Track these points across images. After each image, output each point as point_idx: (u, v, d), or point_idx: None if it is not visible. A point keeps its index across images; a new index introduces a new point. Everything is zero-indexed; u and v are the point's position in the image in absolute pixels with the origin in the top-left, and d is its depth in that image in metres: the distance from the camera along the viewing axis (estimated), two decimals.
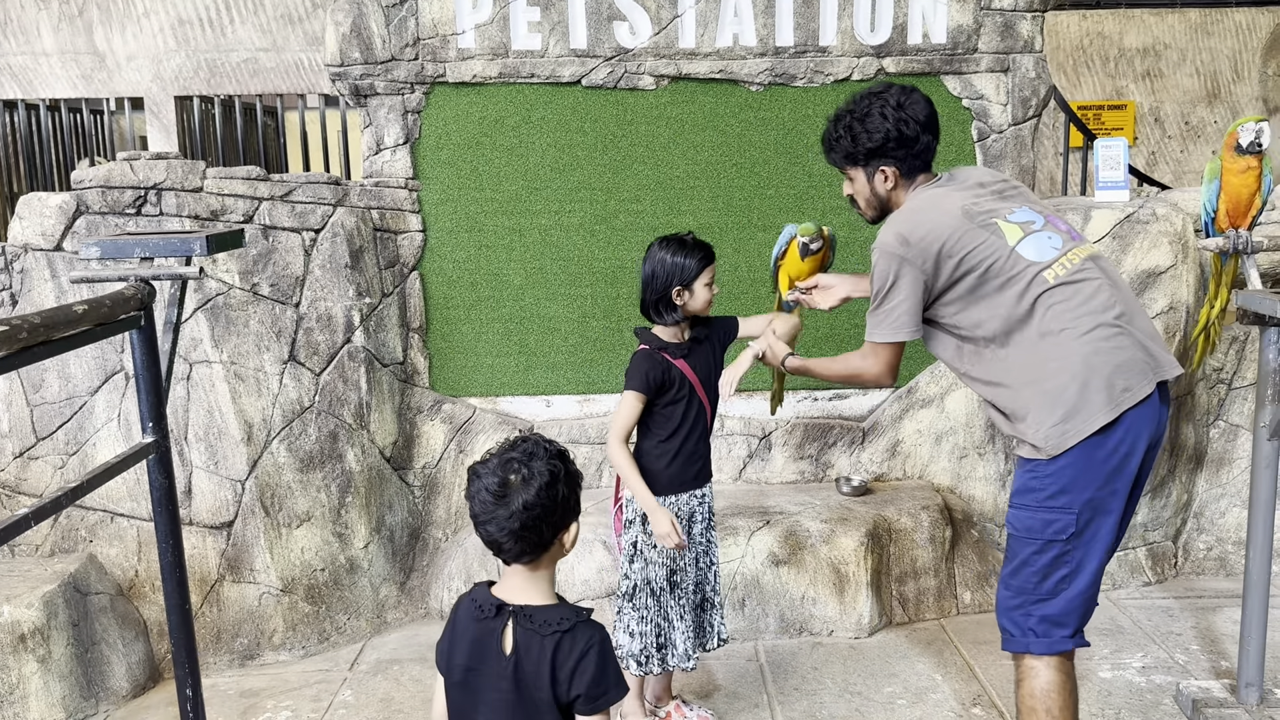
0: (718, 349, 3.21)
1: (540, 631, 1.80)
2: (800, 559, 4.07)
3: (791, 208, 4.42)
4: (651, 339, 3.12)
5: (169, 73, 7.46)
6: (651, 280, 3.05)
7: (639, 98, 4.33)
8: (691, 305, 3.07)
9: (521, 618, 1.82)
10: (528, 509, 1.76)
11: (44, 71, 7.44)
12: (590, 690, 1.79)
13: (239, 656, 3.98)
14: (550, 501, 1.78)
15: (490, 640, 1.83)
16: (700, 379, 3.12)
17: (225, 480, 3.95)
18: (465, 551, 4.29)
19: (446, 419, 4.43)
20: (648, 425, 3.14)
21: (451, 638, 1.90)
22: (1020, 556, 2.58)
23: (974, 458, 4.57)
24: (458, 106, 4.27)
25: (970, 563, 4.32)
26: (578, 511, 1.87)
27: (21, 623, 3.48)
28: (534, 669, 1.80)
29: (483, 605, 1.86)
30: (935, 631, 4.13)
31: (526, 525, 1.77)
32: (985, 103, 4.37)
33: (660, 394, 3.09)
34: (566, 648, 1.78)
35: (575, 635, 1.80)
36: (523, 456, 1.80)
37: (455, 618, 1.91)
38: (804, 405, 4.57)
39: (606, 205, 4.37)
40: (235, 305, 3.93)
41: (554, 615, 1.82)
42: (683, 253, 3.03)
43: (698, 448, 3.17)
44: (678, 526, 3.03)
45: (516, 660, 1.81)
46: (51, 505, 2.03)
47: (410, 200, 4.31)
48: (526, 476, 1.78)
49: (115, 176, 3.84)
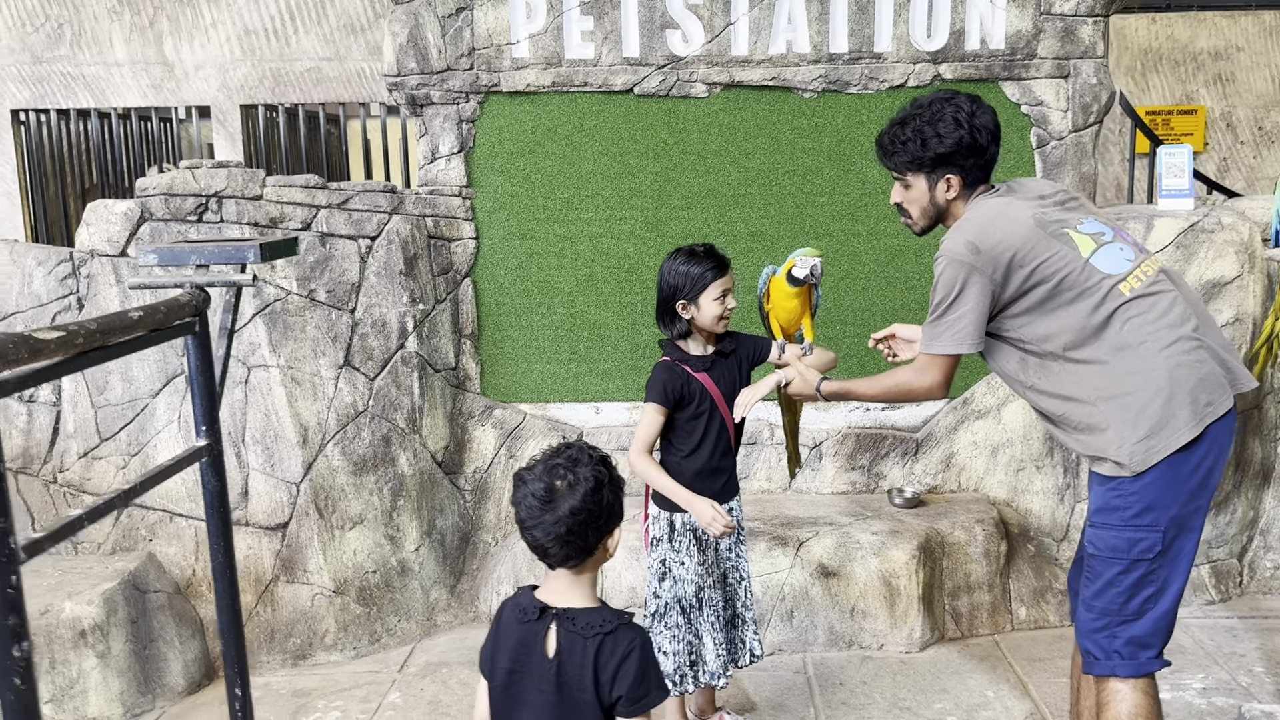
0: (745, 365, 3.17)
1: (583, 634, 1.83)
2: (850, 571, 4.03)
3: (844, 215, 4.38)
4: (674, 351, 3.10)
5: (235, 82, 7.63)
6: (660, 290, 3.03)
7: (691, 105, 4.33)
8: (700, 319, 3.01)
9: (565, 620, 1.85)
10: (574, 514, 1.80)
11: (116, 81, 7.66)
12: (632, 692, 1.81)
13: (291, 656, 4.05)
14: (595, 507, 1.82)
15: (534, 643, 1.87)
16: (724, 394, 3.09)
17: (281, 482, 4.02)
18: (514, 556, 4.31)
19: (497, 424, 4.47)
20: (670, 439, 3.12)
21: (495, 641, 1.93)
22: (1105, 577, 2.50)
23: (1031, 471, 4.48)
24: (511, 115, 4.31)
25: (1026, 578, 4.24)
26: (621, 516, 1.89)
27: (82, 619, 3.57)
28: (577, 671, 1.83)
29: (526, 608, 1.89)
30: (989, 647, 4.05)
31: (572, 530, 1.81)
32: (1045, 109, 4.29)
33: (680, 407, 3.06)
34: (609, 649, 1.81)
35: (618, 637, 1.83)
36: (568, 463, 1.84)
37: (499, 621, 1.94)
38: (855, 415, 4.52)
39: (657, 213, 4.38)
40: (293, 311, 4.00)
41: (596, 618, 1.85)
42: (690, 263, 2.98)
43: (721, 463, 3.13)
44: (720, 509, 2.99)
45: (560, 663, 1.84)
46: (105, 506, 2.08)
47: (464, 208, 4.36)
48: (572, 482, 1.81)
49: (178, 184, 3.94)
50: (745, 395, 3.07)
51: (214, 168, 3.94)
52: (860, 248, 4.40)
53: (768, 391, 3.08)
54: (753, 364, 3.22)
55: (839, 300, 4.44)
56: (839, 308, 4.44)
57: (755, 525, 4.18)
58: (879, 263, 4.41)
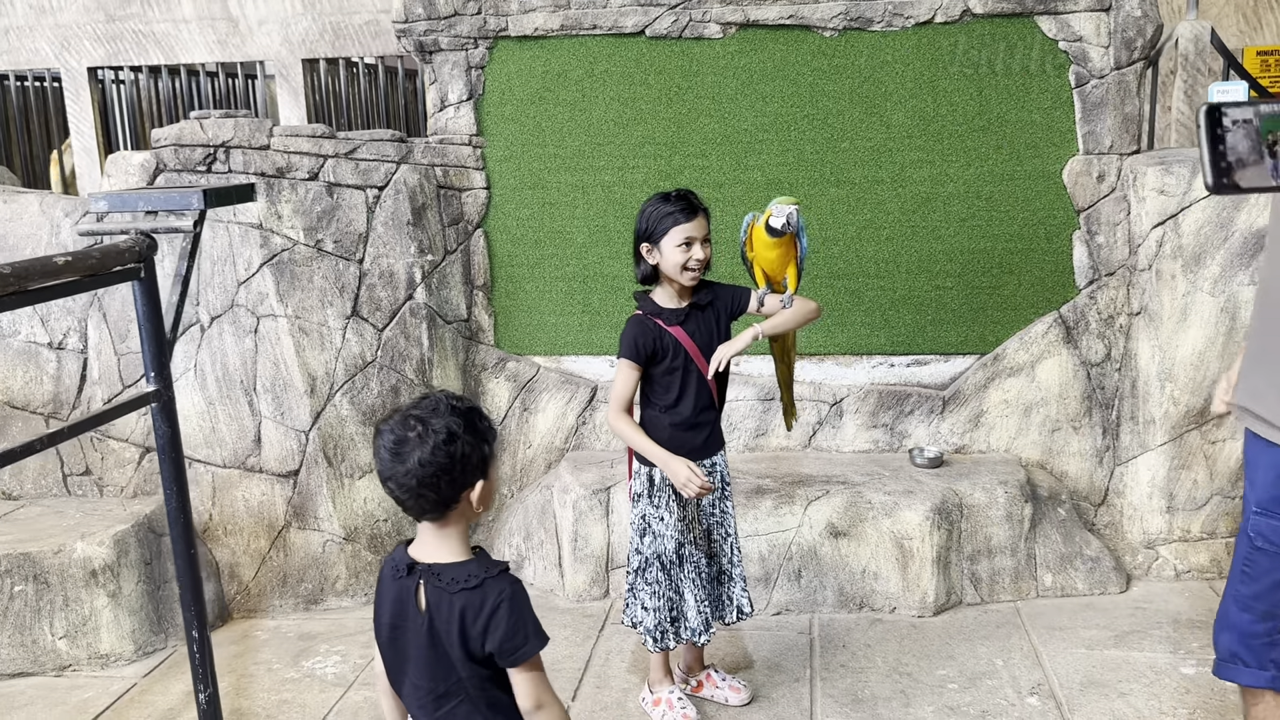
0: (724, 317, 3.05)
1: (448, 589, 1.80)
2: (861, 531, 3.89)
3: (867, 161, 4.18)
4: (647, 304, 3.01)
5: (296, 36, 7.71)
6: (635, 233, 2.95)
7: (705, 47, 4.16)
8: (663, 266, 2.91)
9: (430, 576, 1.82)
10: (423, 466, 1.75)
11: (184, 38, 7.82)
12: (505, 644, 1.78)
13: (303, 600, 4.12)
14: (448, 459, 1.76)
15: (407, 599, 1.84)
16: (701, 347, 2.98)
17: (290, 430, 4.08)
18: (526, 509, 4.30)
19: (511, 377, 4.43)
20: (648, 395, 3.04)
21: (378, 597, 1.92)
22: (1274, 576, 2.17)
23: (1068, 431, 4.25)
24: (520, 61, 4.22)
25: (1054, 543, 4.03)
26: (484, 470, 1.83)
27: (93, 559, 3.69)
28: (445, 626, 1.80)
29: (398, 565, 1.87)
30: (1008, 614, 3.88)
31: (423, 482, 1.76)
32: (1084, 45, 4.00)
33: (654, 362, 2.97)
34: (476, 604, 1.78)
35: (484, 591, 1.79)
36: (424, 413, 1.79)
37: (380, 578, 1.93)
38: (879, 371, 4.34)
39: (671, 161, 4.25)
40: (300, 261, 4.03)
41: (461, 572, 1.81)
42: (659, 205, 2.88)
43: (702, 417, 3.03)
44: (696, 469, 2.91)
45: (429, 618, 1.81)
46: (24, 449, 2.11)
47: (474, 157, 4.30)
48: (422, 434, 1.76)
49: (186, 135, 3.98)
50: (721, 352, 2.97)
51: (222, 118, 3.97)
52: (884, 195, 4.20)
53: (744, 347, 2.97)
54: (732, 315, 3.11)
55: (861, 251, 4.25)
56: (861, 259, 4.25)
57: (765, 483, 4.07)
58: (904, 211, 4.20)
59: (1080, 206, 4.13)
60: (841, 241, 4.25)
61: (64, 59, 7.93)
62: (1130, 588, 4.05)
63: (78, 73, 7.94)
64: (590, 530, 4.02)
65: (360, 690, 3.53)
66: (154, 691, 3.59)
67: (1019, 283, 4.21)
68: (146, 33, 7.81)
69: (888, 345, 4.32)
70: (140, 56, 7.84)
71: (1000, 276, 4.21)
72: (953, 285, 4.24)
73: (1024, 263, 4.19)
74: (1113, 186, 4.08)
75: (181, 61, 7.81)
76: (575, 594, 4.06)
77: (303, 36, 7.65)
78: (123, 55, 7.87)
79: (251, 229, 3.99)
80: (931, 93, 4.10)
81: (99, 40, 7.91)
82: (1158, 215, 3.92)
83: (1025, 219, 4.16)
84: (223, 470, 4.13)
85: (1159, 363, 3.97)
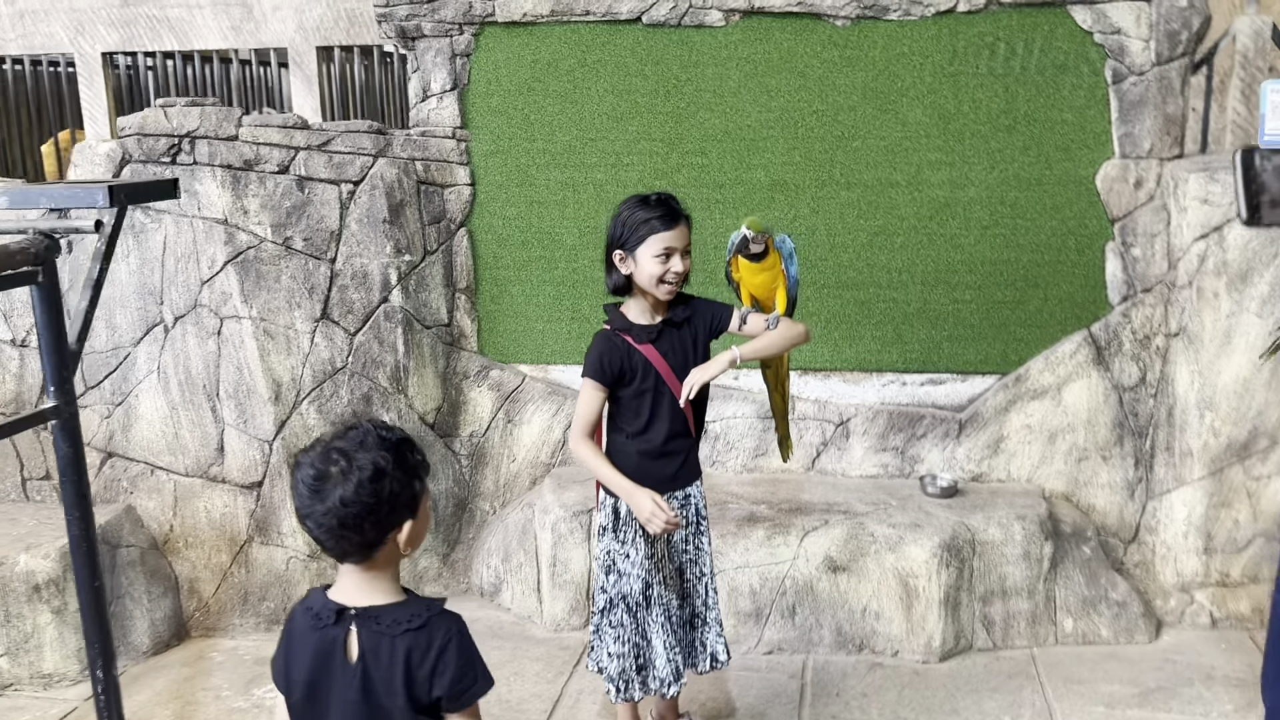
0: (701, 336, 2.75)
1: (389, 632, 1.64)
2: (862, 566, 3.57)
3: (880, 162, 3.84)
4: (616, 318, 2.72)
5: (310, 22, 7.48)
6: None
7: (706, 36, 3.85)
8: (638, 277, 2.63)
9: (366, 620, 1.66)
10: (345, 505, 1.59)
11: (198, 23, 7.63)
12: (454, 688, 1.65)
13: (265, 620, 3.89)
14: (374, 499, 1.60)
15: (332, 649, 1.67)
16: (674, 368, 2.68)
17: (254, 440, 3.84)
18: (506, 528, 4.03)
19: (494, 386, 4.16)
20: (615, 419, 2.75)
21: (288, 652, 1.73)
22: None
23: (1096, 461, 3.89)
24: (509, 48, 3.94)
25: (1076, 585, 3.68)
26: (413, 508, 1.67)
27: (36, 573, 3.47)
28: (385, 674, 1.65)
29: (320, 613, 1.69)
30: (1022, 663, 3.54)
31: (345, 523, 1.60)
32: (1122, 38, 3.63)
33: (621, 383, 2.68)
34: (423, 646, 1.64)
35: (431, 632, 1.65)
36: (349, 446, 1.62)
37: (290, 629, 1.74)
38: (890, 390, 4.01)
39: (668, 159, 3.94)
40: (266, 259, 3.78)
41: (404, 613, 1.66)
42: (636, 210, 2.60)
43: (672, 445, 2.73)
44: (663, 503, 2.61)
45: (364, 667, 1.65)
46: None
47: (458, 151, 4.03)
48: (345, 469, 1.60)
49: (150, 124, 3.75)
50: (694, 377, 2.67)
51: (188, 105, 3.73)
52: (898, 199, 3.86)
53: (720, 371, 2.67)
54: (712, 334, 2.80)
55: (873, 260, 3.91)
56: (872, 268, 3.92)
57: (760, 510, 3.76)
58: (920, 217, 3.86)
59: (1115, 215, 3.76)
60: (851, 249, 3.91)
61: (78, 44, 7.78)
62: (1160, 636, 3.69)
63: (92, 58, 7.79)
64: (570, 555, 3.73)
65: None
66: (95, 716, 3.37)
67: (1045, 297, 3.85)
68: (160, 17, 7.64)
69: (900, 362, 3.98)
70: (154, 42, 7.67)
71: (1025, 290, 3.86)
72: (972, 298, 3.89)
73: (1051, 275, 3.83)
74: (1151, 194, 3.71)
75: (196, 48, 7.63)
76: (553, 622, 3.78)
77: (317, 23, 7.43)
78: (137, 40, 7.70)
79: (216, 224, 3.75)
80: (952, 88, 3.76)
81: (113, 25, 7.74)
82: (1200, 227, 3.55)
83: (1054, 228, 3.80)
84: (185, 479, 3.90)
85: (1198, 389, 3.60)
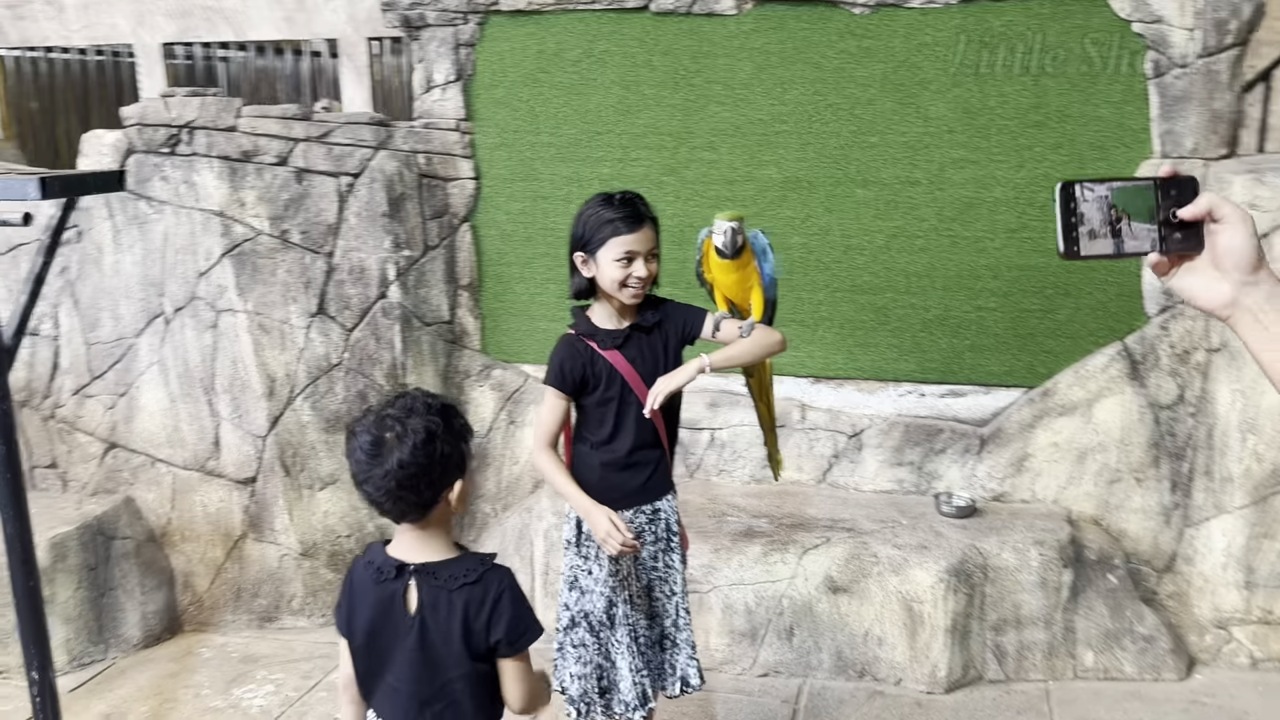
0: (672, 342, 2.58)
1: (447, 586, 1.77)
2: (864, 588, 3.37)
3: (900, 159, 3.62)
4: (581, 323, 2.57)
5: (361, 14, 7.47)
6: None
7: (716, 25, 3.67)
8: (600, 281, 2.48)
9: (424, 575, 1.78)
10: (403, 468, 1.71)
11: (251, 14, 7.69)
12: (510, 634, 1.78)
13: (257, 617, 3.84)
14: (428, 460, 1.72)
15: (392, 601, 1.80)
16: (643, 375, 2.52)
17: (248, 435, 3.79)
18: (504, 533, 3.92)
19: (497, 386, 4.05)
20: (580, 428, 2.60)
21: (350, 603, 1.86)
22: None
23: (1129, 483, 3.61)
24: (514, 38, 3.81)
25: (1099, 616, 3.42)
26: (463, 468, 1.80)
27: None
28: (443, 625, 1.77)
29: (381, 567, 1.81)
30: (1034, 697, 3.30)
31: (403, 484, 1.72)
32: (1164, 27, 3.34)
33: (584, 391, 2.53)
34: (479, 598, 1.77)
35: (486, 585, 1.78)
36: (400, 413, 1.74)
37: (351, 581, 1.87)
38: (908, 401, 3.78)
39: (676, 153, 3.77)
40: (263, 252, 3.72)
41: (459, 568, 1.79)
42: (600, 209, 2.45)
43: (638, 456, 2.57)
44: (621, 524, 2.46)
45: (422, 619, 1.78)
46: None
47: (462, 144, 3.92)
48: (400, 434, 1.72)
49: (150, 114, 3.72)
50: (659, 386, 2.50)
51: (187, 96, 3.69)
52: (919, 199, 3.63)
53: (686, 381, 2.50)
54: (685, 340, 2.63)
55: (890, 263, 3.69)
56: (890, 271, 3.70)
57: (759, 524, 3.58)
58: (942, 218, 3.63)
59: None
60: (868, 251, 3.70)
61: (139, 35, 7.91)
62: (1191, 675, 3.42)
63: (151, 48, 7.90)
64: (561, 563, 3.59)
65: None
66: (73, 710, 3.35)
67: (1076, 307, 3.59)
68: (216, 8, 7.70)
69: (918, 372, 3.76)
70: (210, 32, 7.75)
71: (1054, 299, 3.60)
72: (997, 306, 3.64)
73: (1083, 283, 3.57)
74: None
75: (250, 38, 7.69)
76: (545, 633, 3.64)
77: (368, 14, 7.42)
78: (193, 31, 7.80)
79: (213, 216, 3.70)
80: (977, 81, 3.52)
81: (171, 15, 7.84)
82: None
83: None
84: (183, 472, 3.87)
85: (1240, 410, 3.31)
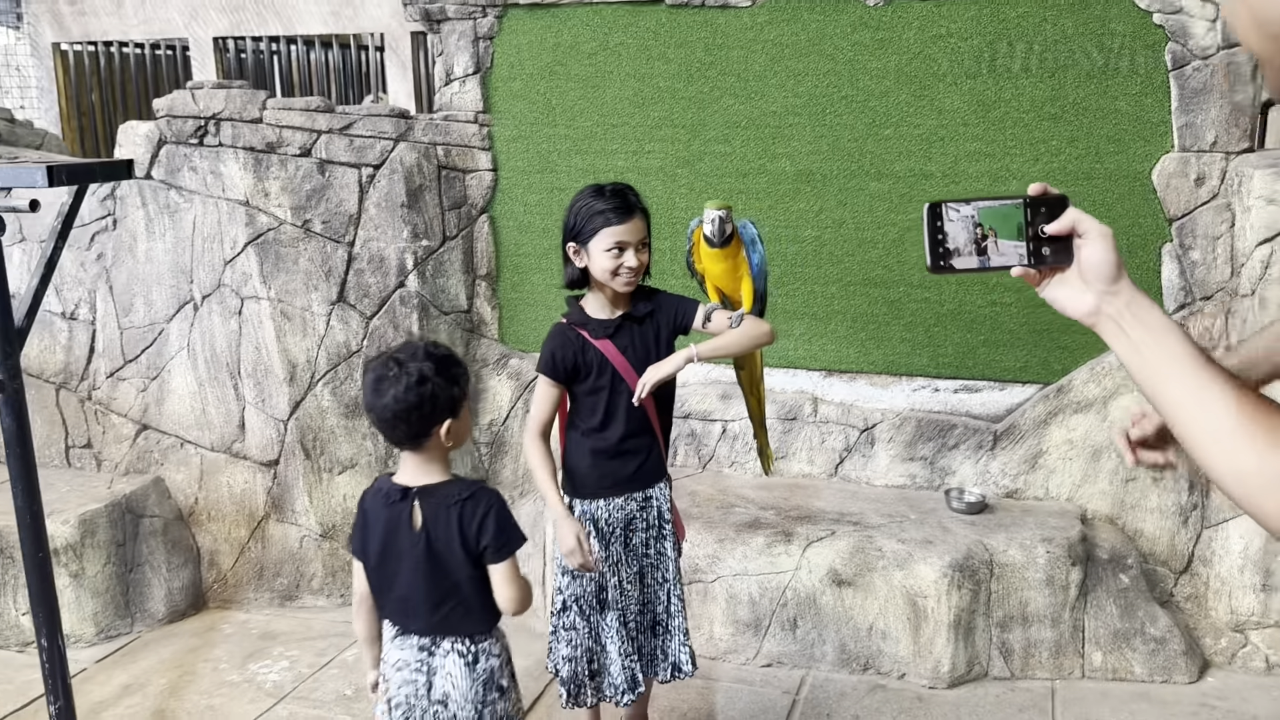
0: (664, 332, 2.62)
1: (444, 503, 2.07)
2: (868, 582, 3.37)
3: (915, 152, 3.60)
4: (574, 312, 2.62)
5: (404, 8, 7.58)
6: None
7: (730, 17, 3.67)
8: (592, 270, 2.53)
9: (425, 495, 2.08)
10: (397, 402, 2.02)
11: (300, 8, 7.86)
12: (495, 541, 2.06)
13: (279, 596, 3.95)
14: (418, 399, 2.02)
15: (399, 520, 2.09)
16: (634, 364, 2.57)
17: (270, 419, 3.89)
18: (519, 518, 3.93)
19: (514, 375, 4.10)
20: (573, 416, 2.66)
21: (364, 529, 2.15)
22: None
23: (1145, 482, 3.56)
24: (532, 31, 3.85)
25: (1108, 616, 3.38)
26: (455, 410, 2.07)
27: (55, 538, 3.60)
28: (444, 535, 2.06)
29: (389, 493, 2.11)
30: (1038, 695, 3.27)
31: (398, 415, 2.03)
32: (1184, 18, 3.28)
33: (576, 379, 2.58)
34: (470, 511, 2.06)
35: (476, 500, 2.07)
36: (404, 356, 2.05)
37: (364, 510, 2.16)
38: (921, 396, 3.76)
39: (690, 146, 3.79)
40: (286, 241, 3.82)
41: (454, 489, 2.10)
42: (591, 200, 2.50)
43: (630, 444, 2.62)
44: (585, 544, 2.53)
45: (426, 533, 2.07)
46: None
47: (480, 136, 3.97)
48: (398, 374, 2.02)
49: (178, 106, 3.83)
50: (647, 375, 2.55)
51: (214, 88, 3.79)
52: (934, 192, 3.60)
53: (674, 370, 2.55)
54: (675, 331, 2.67)
55: (904, 256, 3.67)
56: (903, 265, 3.68)
57: (765, 515, 3.59)
58: None
59: (1173, 215, 3.42)
60: (881, 244, 3.69)
61: (192, 29, 8.12)
62: (1204, 678, 3.36)
63: (204, 42, 8.11)
64: None
65: (289, 704, 3.31)
66: (97, 680, 3.49)
67: None
68: (266, 2, 7.89)
69: (931, 367, 3.73)
70: (260, 27, 7.94)
71: None
72: (1012, 301, 3.61)
73: None
74: (1214, 192, 3.35)
75: (298, 33, 7.86)
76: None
77: None
78: (245, 25, 7.99)
79: (238, 206, 3.80)
80: (993, 73, 3.48)
81: (224, 10, 8.04)
82: (1265, 230, 3.18)
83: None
84: (210, 454, 3.99)
85: None
